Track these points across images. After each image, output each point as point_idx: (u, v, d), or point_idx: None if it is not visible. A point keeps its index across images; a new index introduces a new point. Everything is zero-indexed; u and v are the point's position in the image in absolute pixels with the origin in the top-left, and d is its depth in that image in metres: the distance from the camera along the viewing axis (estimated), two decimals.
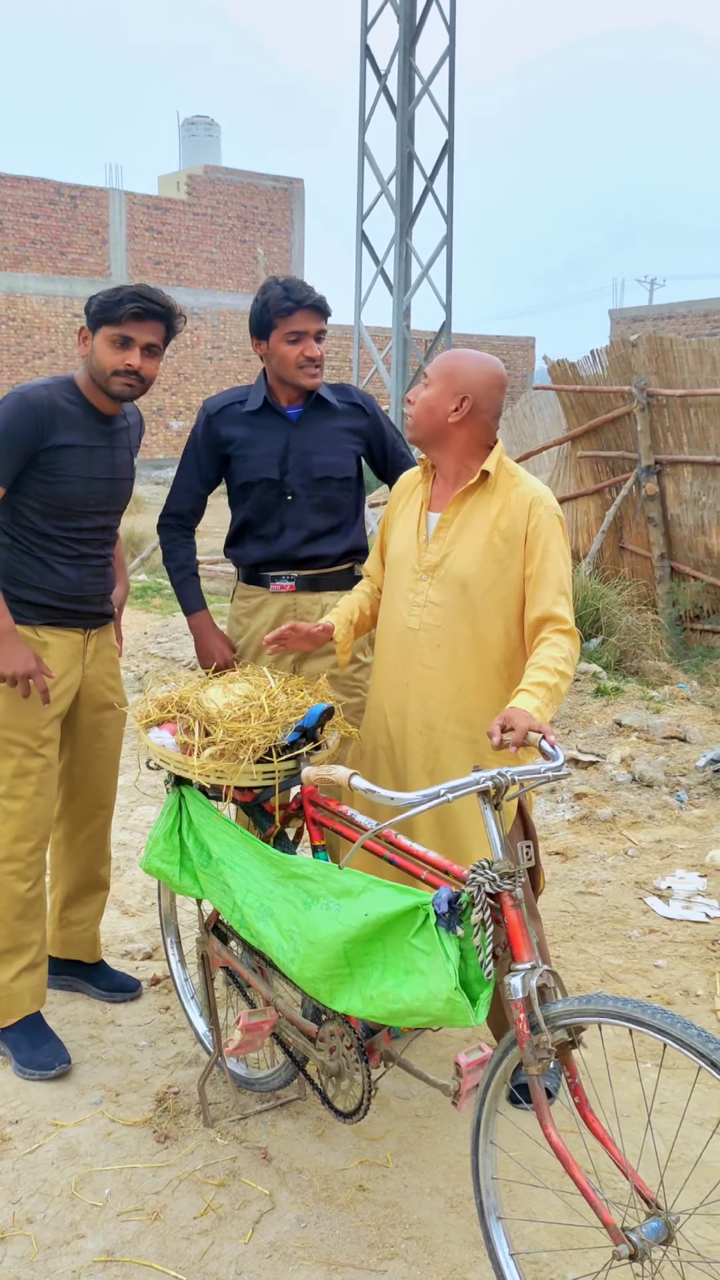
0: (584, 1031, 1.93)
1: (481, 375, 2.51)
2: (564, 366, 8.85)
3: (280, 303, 2.86)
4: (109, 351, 2.72)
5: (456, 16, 5.39)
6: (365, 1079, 2.26)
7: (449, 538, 2.56)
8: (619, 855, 4.35)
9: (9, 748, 2.77)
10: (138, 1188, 2.44)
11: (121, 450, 2.89)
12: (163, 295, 2.75)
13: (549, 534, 2.48)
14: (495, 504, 2.52)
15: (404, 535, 2.67)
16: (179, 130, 30.34)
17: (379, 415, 3.10)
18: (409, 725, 2.61)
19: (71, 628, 2.87)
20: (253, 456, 2.98)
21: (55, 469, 2.73)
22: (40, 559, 2.79)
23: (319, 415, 3.01)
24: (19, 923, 2.83)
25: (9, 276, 22.97)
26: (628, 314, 28.83)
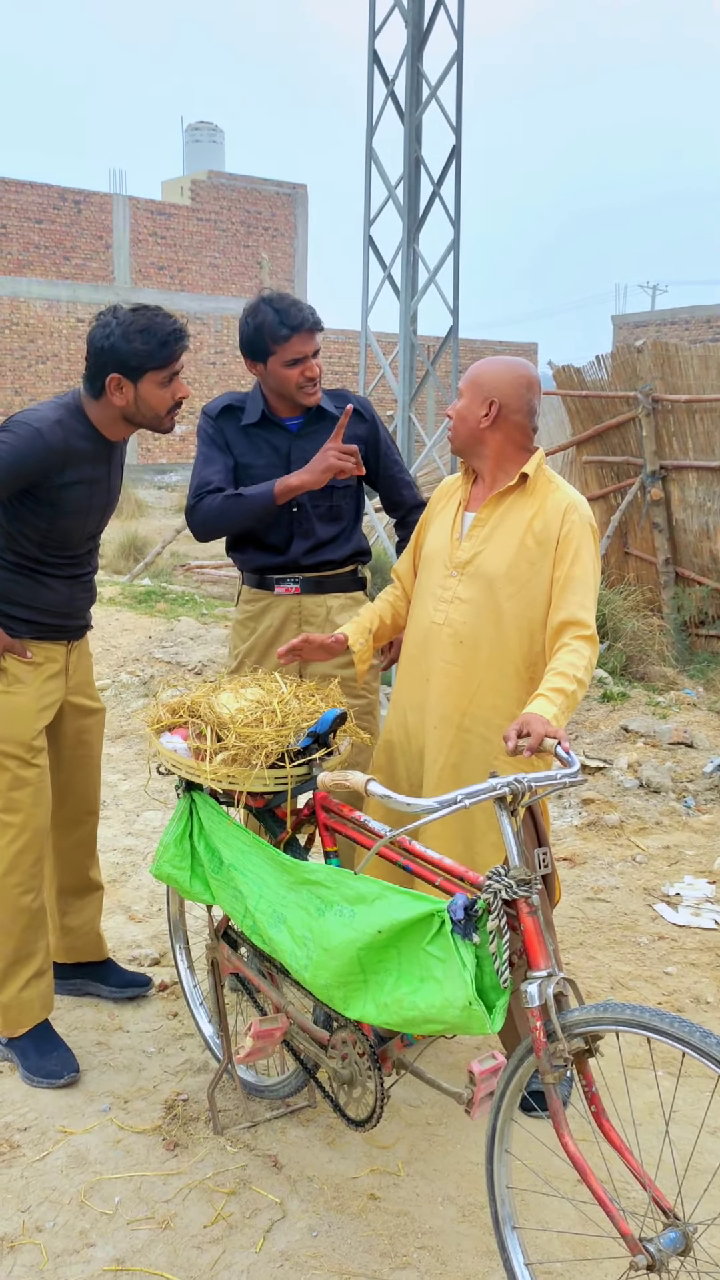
0: (601, 1040, 1.92)
1: (507, 378, 2.52)
2: (569, 372, 8.85)
3: (277, 329, 2.82)
4: (161, 394, 2.66)
5: (465, 23, 5.40)
6: (378, 1087, 2.24)
7: (482, 536, 2.57)
8: (627, 861, 4.33)
9: (3, 760, 2.76)
10: (148, 1196, 2.42)
11: (116, 472, 2.87)
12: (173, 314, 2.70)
13: (581, 540, 2.49)
14: (531, 507, 2.53)
15: (439, 533, 2.68)
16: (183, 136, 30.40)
17: (376, 420, 3.10)
18: (426, 720, 2.62)
19: (56, 640, 2.87)
20: (256, 467, 2.96)
21: (59, 504, 2.70)
22: (33, 579, 2.78)
23: (320, 426, 3.00)
24: (25, 933, 2.82)
25: (13, 281, 23.00)
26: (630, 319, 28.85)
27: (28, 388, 23.27)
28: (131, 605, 9.48)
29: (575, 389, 8.76)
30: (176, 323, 2.66)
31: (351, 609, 3.06)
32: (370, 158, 5.65)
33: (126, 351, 2.59)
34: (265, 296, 2.88)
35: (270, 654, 3.03)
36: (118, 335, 2.60)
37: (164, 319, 2.64)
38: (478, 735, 2.56)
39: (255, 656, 3.06)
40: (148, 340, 2.60)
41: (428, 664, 2.62)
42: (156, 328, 2.61)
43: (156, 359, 2.61)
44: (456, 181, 5.60)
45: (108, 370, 2.63)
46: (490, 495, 2.59)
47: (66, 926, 3.14)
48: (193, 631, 7.81)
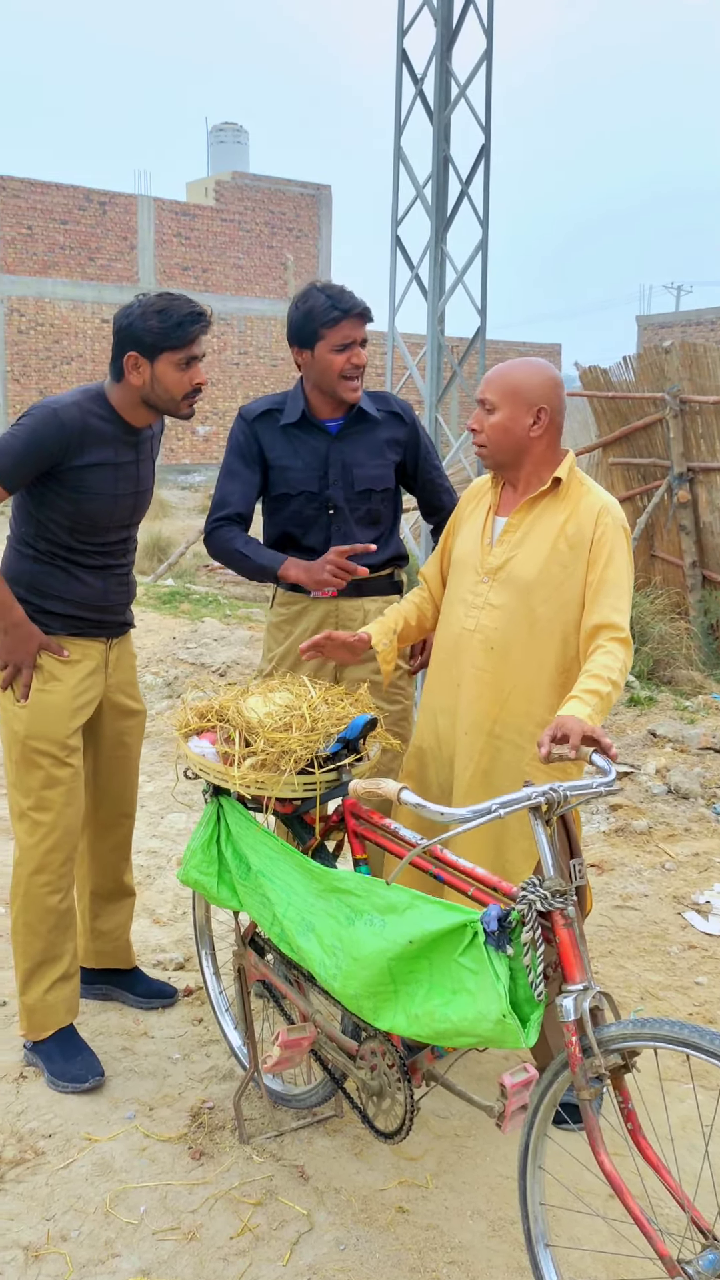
0: (638, 1055, 1.87)
1: (546, 382, 2.47)
2: (595, 373, 8.79)
3: (327, 312, 2.79)
4: (177, 377, 2.65)
5: (495, 20, 5.35)
6: (408, 1099, 2.21)
7: (514, 542, 2.53)
8: (656, 868, 4.28)
9: (36, 758, 2.74)
10: (173, 1205, 2.39)
11: (146, 462, 2.85)
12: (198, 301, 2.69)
13: (614, 543, 2.44)
14: (564, 511, 2.49)
15: (469, 538, 2.64)
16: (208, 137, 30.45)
17: (417, 424, 3.05)
18: (458, 726, 2.58)
19: (95, 637, 2.84)
20: (294, 469, 2.93)
21: (82, 487, 2.68)
22: (66, 570, 2.76)
23: (360, 428, 2.96)
24: (52, 934, 2.80)
25: (38, 282, 23.10)
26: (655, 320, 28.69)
27: (52, 388, 23.36)
28: (156, 606, 9.49)
29: (601, 390, 8.69)
30: (197, 307, 2.64)
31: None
32: (398, 157, 5.61)
33: (143, 329, 2.60)
34: (316, 285, 2.86)
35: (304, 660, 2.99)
36: (137, 314, 2.62)
37: (185, 302, 2.63)
38: (509, 742, 2.52)
39: (290, 661, 3.02)
40: (165, 320, 2.59)
41: (459, 670, 2.59)
42: (175, 309, 2.61)
43: (172, 338, 2.60)
44: (485, 181, 5.55)
45: (126, 348, 2.64)
46: (523, 500, 2.54)
47: (97, 930, 3.12)
48: (216, 633, 7.79)
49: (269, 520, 3.04)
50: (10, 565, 2.77)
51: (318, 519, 2.94)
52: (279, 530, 3.01)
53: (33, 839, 2.76)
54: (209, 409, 25.39)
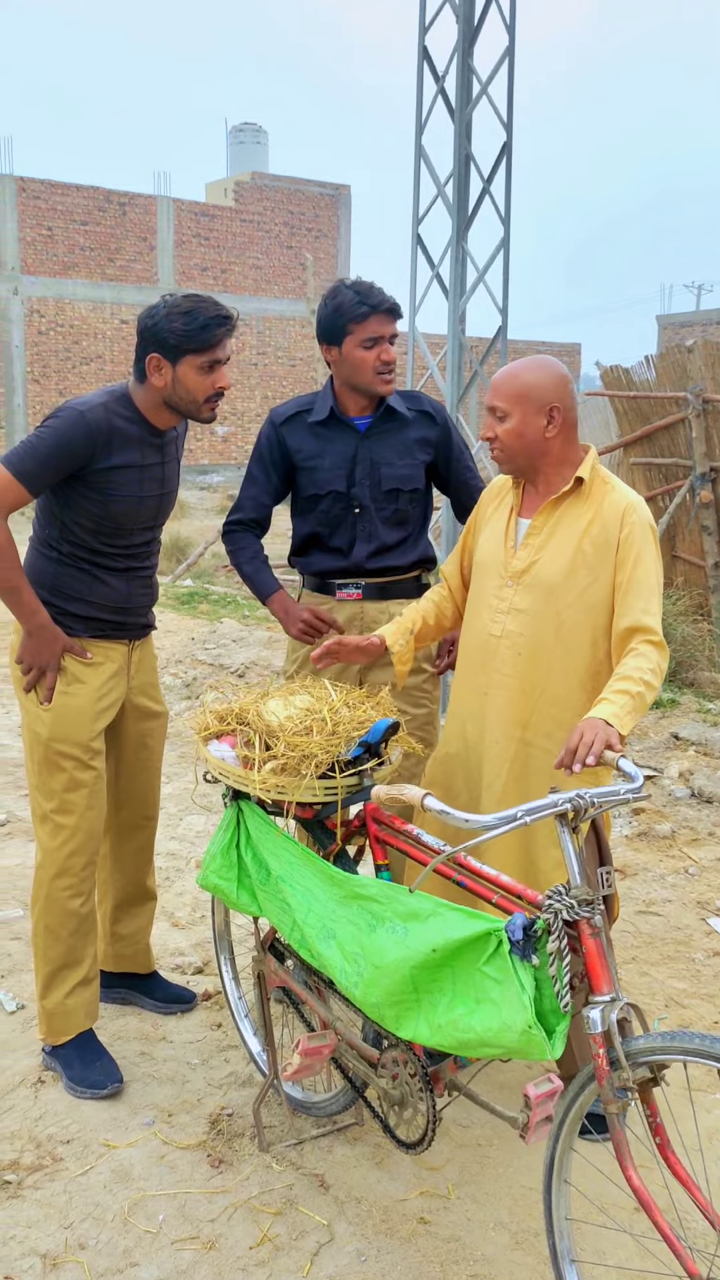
0: (667, 1069, 1.83)
1: (556, 379, 2.43)
2: (616, 373, 8.72)
3: (355, 308, 2.77)
4: (199, 379, 2.62)
5: (516, 17, 5.31)
6: (430, 1109, 2.17)
7: (538, 544, 2.48)
8: (679, 873, 4.23)
9: (59, 760, 2.72)
10: (192, 1214, 2.37)
11: (171, 463, 2.82)
12: (226, 305, 2.66)
13: (642, 543, 2.39)
14: (588, 511, 2.44)
15: (492, 541, 2.60)
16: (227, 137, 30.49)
17: (449, 424, 3.01)
18: (486, 733, 2.54)
19: (117, 639, 2.82)
20: (321, 468, 2.90)
21: (108, 489, 2.66)
22: (89, 572, 2.74)
23: (389, 426, 2.93)
24: (73, 938, 2.78)
25: (58, 283, 23.17)
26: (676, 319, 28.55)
27: (72, 388, 23.43)
28: (174, 606, 9.48)
29: (623, 390, 8.63)
30: (223, 309, 2.61)
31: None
32: (419, 155, 5.58)
33: (167, 331, 2.58)
34: (345, 282, 2.85)
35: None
36: (161, 315, 2.59)
37: (209, 305, 2.60)
38: (540, 748, 2.48)
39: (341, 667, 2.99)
40: (189, 322, 2.56)
41: (486, 677, 2.54)
42: (199, 311, 2.58)
43: (195, 341, 2.57)
44: (507, 179, 5.51)
45: (148, 350, 2.62)
46: (545, 501, 2.50)
47: (117, 934, 3.10)
48: (235, 633, 7.78)
49: (298, 520, 3.02)
50: (33, 567, 2.75)
51: (344, 519, 2.91)
52: (308, 530, 2.98)
53: (55, 842, 2.75)
54: (227, 409, 25.41)
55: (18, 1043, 2.98)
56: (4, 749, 5.63)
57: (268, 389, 26.10)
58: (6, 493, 2.58)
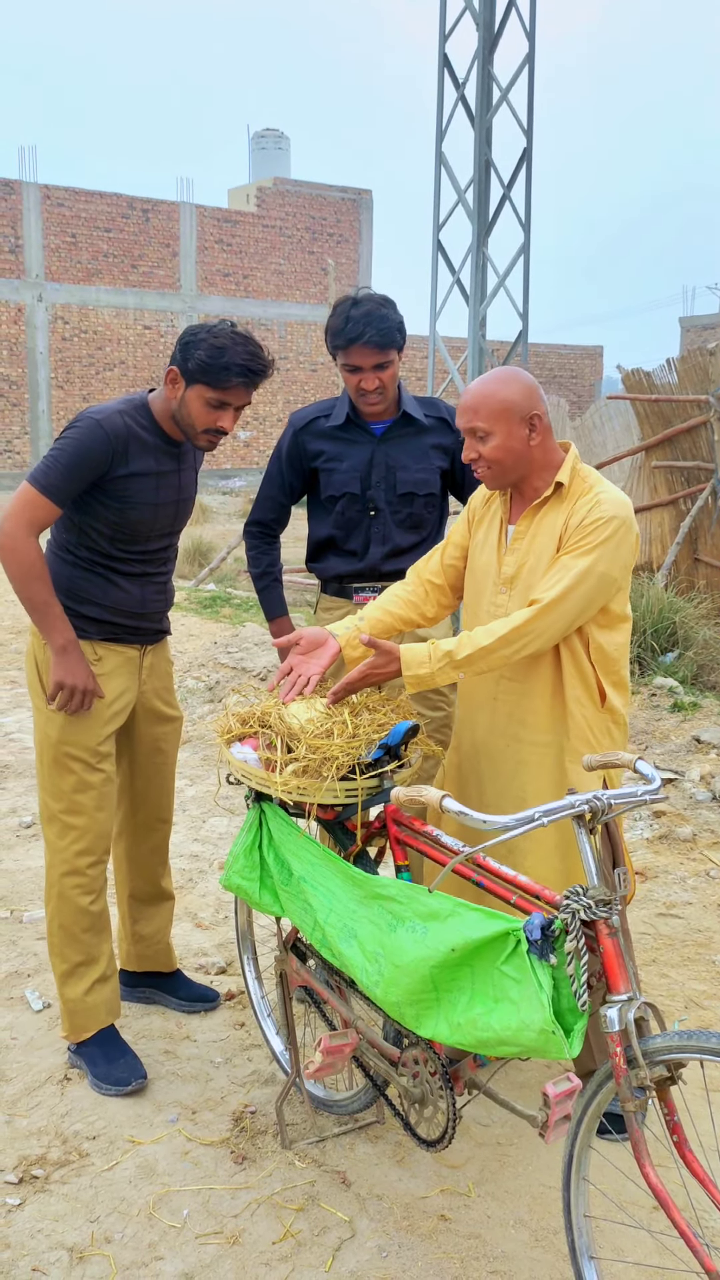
0: (684, 1067, 1.85)
1: (527, 389, 2.43)
2: (639, 375, 8.72)
3: (335, 337, 2.85)
4: (203, 411, 2.66)
5: (536, 24, 5.33)
6: (450, 1107, 2.20)
7: (523, 549, 2.52)
8: (700, 876, 4.23)
9: (68, 763, 2.77)
10: (216, 1209, 2.40)
11: (188, 471, 2.87)
12: (265, 357, 2.66)
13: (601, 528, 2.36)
14: (565, 511, 2.46)
15: (485, 549, 2.62)
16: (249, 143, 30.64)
17: None
18: (495, 738, 2.58)
19: (129, 643, 2.86)
20: (339, 471, 2.96)
21: (125, 496, 2.71)
22: (104, 576, 2.79)
23: (406, 432, 2.98)
24: (87, 935, 2.83)
25: (82, 289, 23.34)
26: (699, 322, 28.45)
27: (95, 394, 23.59)
28: (197, 610, 9.54)
29: (644, 393, 8.63)
30: (255, 363, 2.62)
31: None
32: (440, 161, 5.61)
33: (192, 354, 2.62)
34: (352, 296, 2.87)
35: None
36: (200, 338, 2.63)
37: (244, 352, 2.60)
38: (551, 745, 2.51)
39: (333, 668, 3.03)
40: (214, 356, 2.59)
41: (494, 684, 2.58)
42: (231, 352, 2.59)
43: (209, 375, 2.61)
44: (527, 184, 5.53)
45: (174, 361, 2.67)
46: (528, 507, 2.52)
47: (138, 934, 3.14)
48: (257, 637, 7.82)
49: (314, 524, 3.07)
50: (49, 569, 2.80)
51: (360, 521, 2.96)
52: (323, 533, 3.03)
53: (64, 841, 2.79)
54: (249, 414, 25.52)
55: (44, 1041, 3.02)
56: (29, 751, 5.69)
57: (289, 394, 26.20)
58: (37, 510, 2.63)
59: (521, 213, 5.54)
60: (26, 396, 23.06)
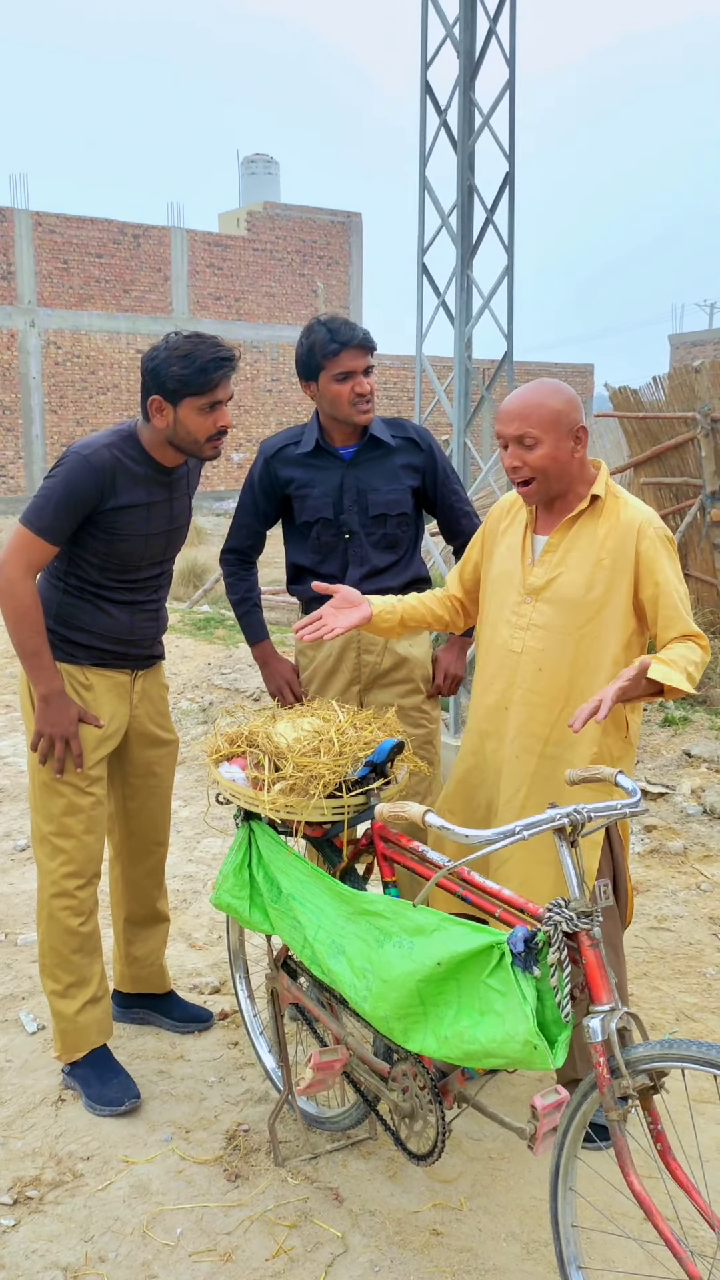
0: (666, 1076, 1.88)
1: (573, 402, 2.47)
2: (626, 393, 8.80)
3: (326, 345, 2.87)
4: (200, 420, 2.68)
5: (516, 51, 5.42)
6: (439, 1121, 2.22)
7: (555, 561, 2.53)
8: (691, 889, 4.26)
9: (59, 786, 2.79)
10: (209, 1227, 2.42)
11: (180, 499, 2.88)
12: (226, 344, 2.69)
13: (662, 557, 2.46)
14: (603, 527, 2.49)
15: (508, 558, 2.63)
16: (239, 169, 30.87)
17: (434, 449, 3.10)
18: (506, 750, 2.60)
19: (118, 668, 2.88)
20: (311, 496, 3.00)
21: (115, 528, 2.73)
22: (94, 604, 2.81)
23: (374, 454, 3.02)
24: (77, 956, 2.85)
25: (74, 315, 23.47)
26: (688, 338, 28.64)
27: (89, 418, 23.69)
28: (190, 632, 9.57)
29: (632, 410, 8.70)
30: (221, 351, 2.65)
31: (410, 636, 3.06)
32: (423, 187, 5.69)
33: (165, 375, 2.63)
34: (319, 318, 2.95)
35: (330, 683, 3.05)
36: (161, 359, 2.64)
37: (208, 347, 2.64)
38: (565, 762, 2.53)
39: (315, 685, 3.08)
40: (186, 366, 2.61)
41: (508, 693, 2.59)
42: (198, 354, 2.62)
43: (193, 385, 2.63)
44: (510, 208, 5.61)
45: (150, 392, 2.67)
46: (562, 519, 2.54)
47: (131, 955, 3.16)
48: (250, 658, 7.85)
49: (291, 549, 3.11)
50: (40, 594, 2.83)
51: (335, 545, 3.01)
52: (301, 559, 3.07)
53: (53, 863, 2.82)
54: (243, 436, 25.63)
55: (38, 1063, 3.04)
56: (23, 775, 5.71)
57: (282, 414, 26.32)
58: (32, 551, 2.66)
59: (505, 236, 5.61)
60: (20, 422, 23.16)
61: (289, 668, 3.15)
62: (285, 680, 3.13)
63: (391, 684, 3.03)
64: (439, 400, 5.78)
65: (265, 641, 3.17)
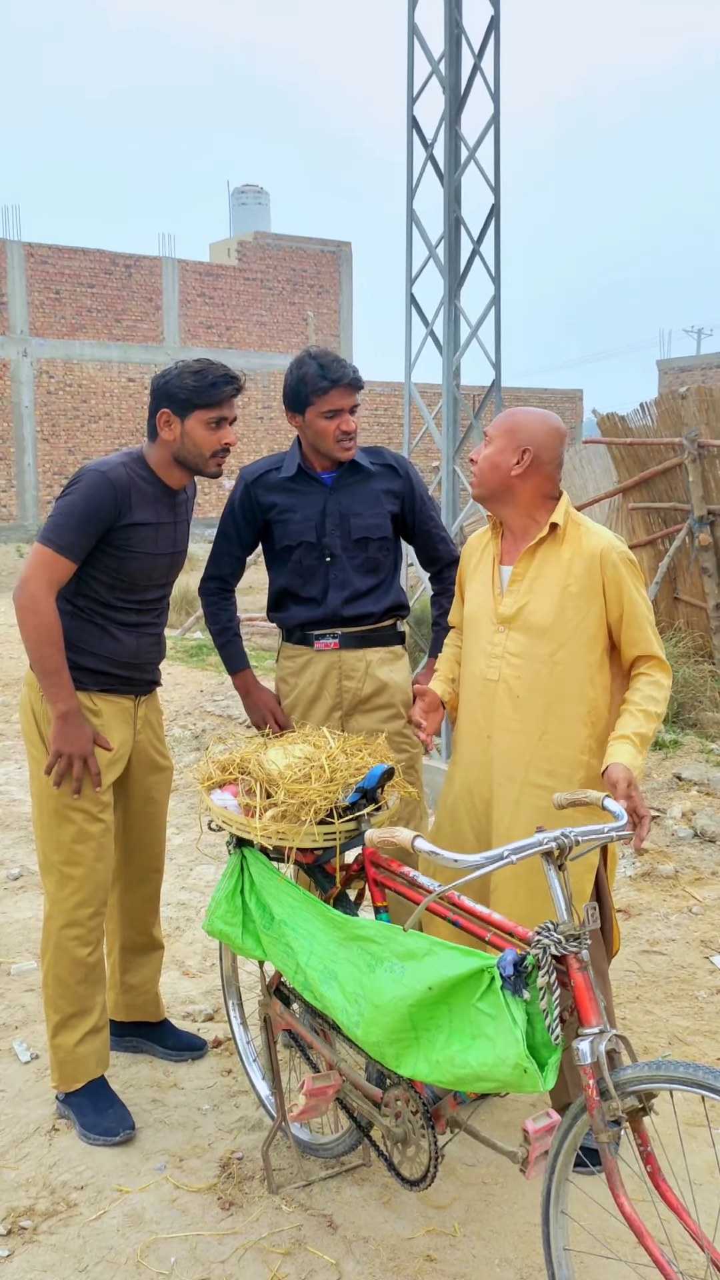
0: (655, 1098, 1.90)
1: (542, 428, 2.56)
2: (614, 420, 8.88)
3: (317, 381, 2.92)
4: (206, 435, 2.78)
5: (501, 86, 5.51)
6: (432, 1145, 2.23)
7: (523, 589, 2.60)
8: (683, 913, 4.27)
9: (69, 813, 2.81)
10: (203, 1256, 2.42)
11: (182, 524, 2.95)
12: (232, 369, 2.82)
13: (628, 579, 2.54)
14: (566, 553, 2.57)
15: (479, 591, 2.72)
16: (229, 199, 31.13)
17: (411, 476, 3.16)
18: (492, 777, 2.64)
19: (124, 694, 2.91)
20: (293, 521, 3.04)
21: (126, 545, 2.78)
22: (100, 626, 2.84)
23: (354, 479, 3.07)
24: (81, 987, 2.85)
25: (66, 344, 23.59)
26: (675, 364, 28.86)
27: (81, 446, 23.77)
28: (183, 659, 9.59)
29: (620, 436, 8.78)
30: (230, 371, 2.78)
31: (391, 662, 3.09)
32: (411, 219, 5.77)
33: (177, 387, 2.74)
34: (310, 351, 2.99)
35: (312, 710, 3.07)
36: (173, 375, 2.76)
37: (219, 366, 2.78)
38: (544, 788, 2.56)
39: (298, 713, 3.10)
40: (199, 379, 2.74)
41: (488, 722, 2.64)
42: (209, 372, 2.75)
43: (203, 396, 2.73)
44: (496, 239, 5.68)
45: (160, 405, 2.77)
46: (524, 548, 2.61)
47: (126, 984, 3.16)
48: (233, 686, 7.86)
49: (273, 574, 3.15)
50: None
51: (317, 568, 3.04)
52: (282, 583, 3.11)
53: (63, 892, 2.82)
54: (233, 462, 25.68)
55: (32, 1092, 3.04)
56: (17, 804, 5.71)
57: (274, 441, 26.43)
58: (55, 570, 2.71)
59: (491, 266, 5.68)
60: (12, 450, 23.23)
61: (270, 697, 3.18)
62: (268, 709, 3.15)
63: (373, 709, 3.06)
64: (428, 428, 5.83)
65: (246, 670, 3.20)
